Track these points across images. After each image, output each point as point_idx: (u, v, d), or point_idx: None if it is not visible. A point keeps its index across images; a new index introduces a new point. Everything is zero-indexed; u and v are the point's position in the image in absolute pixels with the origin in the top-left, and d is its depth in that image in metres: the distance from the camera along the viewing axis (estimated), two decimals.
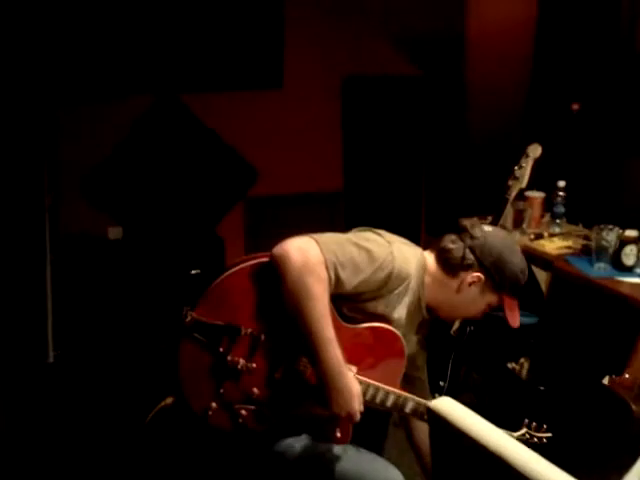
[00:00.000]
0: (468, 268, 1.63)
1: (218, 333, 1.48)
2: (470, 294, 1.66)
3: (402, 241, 1.66)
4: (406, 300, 1.61)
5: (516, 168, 2.53)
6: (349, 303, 1.55)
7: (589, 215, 2.88)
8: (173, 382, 1.55)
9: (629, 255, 2.31)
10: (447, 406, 1.04)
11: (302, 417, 1.57)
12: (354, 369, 1.54)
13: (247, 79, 3.69)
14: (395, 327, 1.60)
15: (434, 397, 1.83)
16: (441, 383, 2.46)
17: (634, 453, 1.32)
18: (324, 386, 1.47)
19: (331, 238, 1.50)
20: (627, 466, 1.34)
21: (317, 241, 1.45)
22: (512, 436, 1.74)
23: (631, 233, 2.33)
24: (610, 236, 2.33)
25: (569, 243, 2.66)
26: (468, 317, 1.81)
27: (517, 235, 2.77)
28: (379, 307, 1.57)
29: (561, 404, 1.86)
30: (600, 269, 2.35)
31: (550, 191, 2.87)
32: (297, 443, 1.59)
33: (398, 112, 4.05)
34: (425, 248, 1.76)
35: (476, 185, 3.91)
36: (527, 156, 2.52)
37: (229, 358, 1.49)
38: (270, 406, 1.54)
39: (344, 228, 1.74)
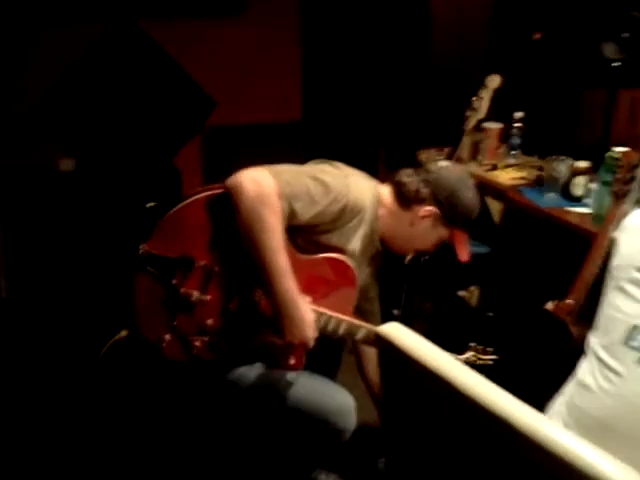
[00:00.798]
0: (422, 202, 1.66)
1: (171, 265, 1.48)
2: (423, 227, 1.69)
3: (358, 174, 1.66)
4: (360, 232, 1.63)
5: (474, 99, 2.53)
6: (304, 235, 1.56)
7: (546, 146, 2.91)
8: (127, 315, 1.55)
9: (578, 186, 2.36)
10: (395, 331, 1.07)
11: (256, 346, 1.61)
12: (308, 298, 1.57)
13: (209, 4, 3.53)
14: (349, 258, 1.63)
15: None
16: (395, 312, 2.53)
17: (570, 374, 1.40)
18: (278, 315, 1.49)
19: (286, 170, 1.49)
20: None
21: (272, 172, 1.45)
22: (459, 359, 1.82)
23: (582, 164, 2.37)
24: (561, 167, 2.37)
25: (523, 174, 2.70)
26: (420, 250, 1.84)
27: (473, 166, 2.80)
28: (333, 239, 1.58)
29: (507, 329, 1.94)
30: (550, 199, 2.40)
31: (508, 122, 2.89)
32: (251, 371, 1.63)
33: (359, 37, 3.94)
34: (383, 181, 1.77)
35: (436, 116, 3.89)
36: (485, 87, 2.51)
37: (182, 290, 1.49)
38: (225, 337, 1.57)
39: (303, 159, 1.73)
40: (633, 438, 1.19)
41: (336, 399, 1.70)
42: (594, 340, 1.35)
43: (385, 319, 2.55)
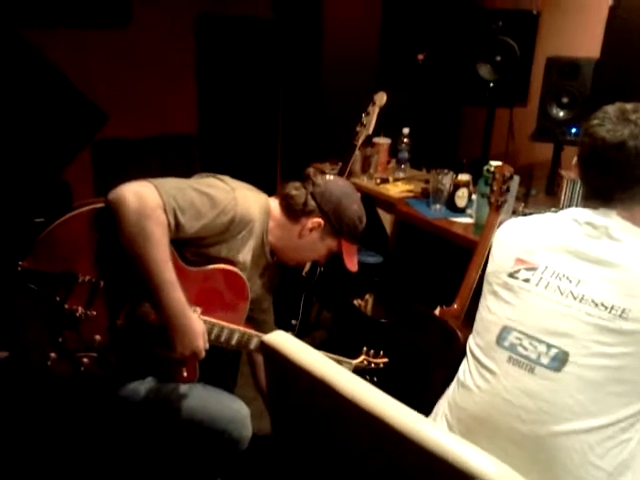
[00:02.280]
0: (309, 214, 1.70)
1: (53, 282, 1.43)
2: (311, 239, 1.73)
3: (246, 187, 1.68)
4: (250, 244, 1.64)
5: (364, 115, 2.63)
6: (192, 248, 1.55)
7: (431, 160, 3.07)
8: (7, 335, 1.48)
9: (461, 197, 2.51)
10: (279, 339, 1.09)
11: (148, 360, 1.58)
12: (199, 310, 1.56)
13: (93, 16, 3.42)
14: (240, 270, 1.64)
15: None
16: (293, 322, 2.56)
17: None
18: (167, 328, 1.48)
19: (171, 183, 1.48)
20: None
21: (156, 186, 1.43)
22: (351, 363, 1.88)
23: (463, 177, 2.52)
24: (445, 180, 2.51)
25: (411, 187, 2.83)
26: (310, 261, 1.88)
27: (365, 179, 2.90)
28: (222, 251, 1.59)
29: (399, 334, 2.01)
30: (436, 211, 2.53)
31: (396, 137, 3.02)
32: (142, 386, 1.60)
33: (253, 54, 3.99)
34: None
35: (330, 131, 3.99)
36: (374, 103, 2.62)
37: (67, 306, 1.45)
38: (113, 352, 1.53)
39: (200, 172, 1.73)
40: (508, 433, 1.27)
41: (230, 409, 1.70)
42: (472, 341, 1.44)
43: (284, 329, 2.57)
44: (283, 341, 1.07)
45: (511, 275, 1.38)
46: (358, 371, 1.89)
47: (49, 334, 1.46)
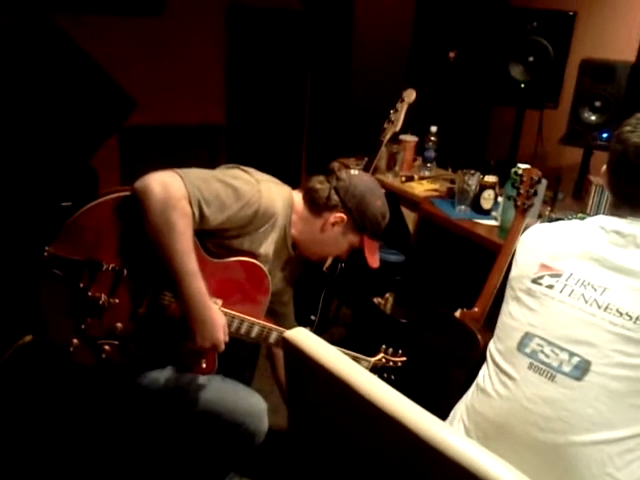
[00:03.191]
0: (332, 208, 1.69)
1: (78, 268, 1.45)
2: (333, 234, 1.72)
3: (271, 179, 1.68)
4: (273, 236, 1.65)
5: (392, 112, 2.61)
6: (215, 239, 1.56)
7: (457, 160, 3.04)
8: (33, 320, 1.50)
9: (487, 199, 2.48)
10: (301, 336, 1.09)
11: (167, 350, 1.59)
12: (219, 302, 1.57)
13: (128, 3, 3.45)
14: (261, 263, 1.64)
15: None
16: (312, 317, 2.57)
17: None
18: (188, 319, 1.49)
19: (196, 174, 1.48)
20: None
21: (181, 176, 1.43)
22: (369, 361, 1.87)
23: (490, 178, 2.49)
24: (471, 181, 2.48)
25: (436, 186, 2.81)
26: (332, 256, 1.88)
27: (389, 176, 2.89)
28: (245, 244, 1.59)
29: (418, 335, 2.01)
30: (461, 211, 2.50)
31: (423, 135, 2.99)
32: (161, 375, 1.61)
33: (282, 46, 3.99)
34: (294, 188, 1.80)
35: (356, 126, 3.98)
36: (402, 100, 2.60)
37: (90, 294, 1.46)
38: (135, 340, 1.54)
39: (225, 162, 1.73)
40: (525, 440, 1.26)
41: (247, 402, 1.70)
42: (493, 346, 1.43)
43: (303, 324, 2.58)
44: (304, 338, 1.07)
45: (534, 281, 1.36)
46: (376, 369, 1.89)
47: (72, 320, 1.48)
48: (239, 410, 1.67)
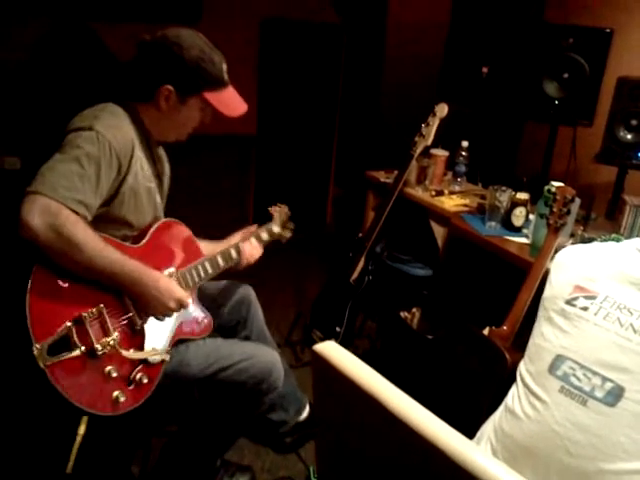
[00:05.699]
0: (154, 87, 1.60)
1: (69, 337, 1.39)
2: (176, 109, 1.63)
3: (107, 110, 1.58)
4: (140, 161, 1.60)
5: (423, 125, 2.61)
6: (118, 222, 1.56)
7: (488, 175, 3.02)
8: (74, 410, 1.42)
9: (518, 216, 2.45)
10: (330, 350, 1.09)
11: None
12: (172, 270, 1.66)
13: (165, 11, 3.51)
14: (148, 181, 1.65)
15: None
16: (337, 329, 2.56)
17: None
18: (145, 303, 1.52)
19: (50, 174, 1.39)
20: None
21: (40, 192, 1.35)
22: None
23: (522, 195, 2.46)
24: (503, 197, 2.45)
25: (466, 201, 2.78)
26: (192, 128, 1.76)
27: (419, 190, 2.87)
28: (127, 185, 1.55)
29: (445, 352, 1.98)
30: (491, 228, 2.47)
31: (454, 150, 2.98)
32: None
33: (314, 58, 4.01)
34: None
35: (386, 139, 3.98)
36: (434, 114, 2.60)
37: (97, 346, 1.42)
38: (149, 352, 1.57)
39: (255, 172, 1.76)
40: (553, 464, 1.24)
41: (260, 350, 1.79)
42: (523, 367, 1.41)
43: (328, 336, 2.57)
44: (334, 352, 1.06)
45: (568, 302, 1.34)
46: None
47: (100, 377, 1.46)
48: (251, 359, 1.72)
